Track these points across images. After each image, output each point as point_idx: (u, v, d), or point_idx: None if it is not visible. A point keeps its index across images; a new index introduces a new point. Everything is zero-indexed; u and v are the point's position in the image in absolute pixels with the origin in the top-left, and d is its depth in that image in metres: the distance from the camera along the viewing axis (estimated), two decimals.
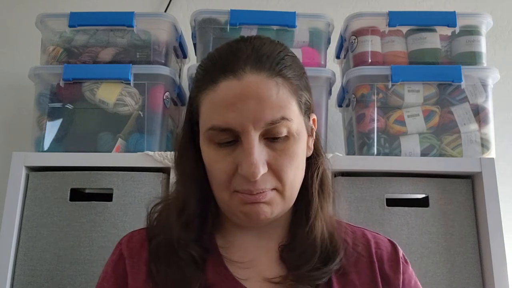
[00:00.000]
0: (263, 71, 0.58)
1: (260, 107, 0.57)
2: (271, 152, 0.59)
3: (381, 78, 1.07)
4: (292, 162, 0.60)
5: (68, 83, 1.07)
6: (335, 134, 1.39)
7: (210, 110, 0.59)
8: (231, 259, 0.64)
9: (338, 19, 1.18)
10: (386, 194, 0.98)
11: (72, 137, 1.07)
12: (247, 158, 0.57)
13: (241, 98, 0.57)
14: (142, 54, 1.10)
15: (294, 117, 0.60)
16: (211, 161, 0.61)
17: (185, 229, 0.63)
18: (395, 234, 0.95)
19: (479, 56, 1.09)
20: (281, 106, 0.58)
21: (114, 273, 0.66)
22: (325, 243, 0.64)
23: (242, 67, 0.58)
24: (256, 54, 0.60)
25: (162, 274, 0.62)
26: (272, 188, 0.59)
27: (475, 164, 0.98)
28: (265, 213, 0.60)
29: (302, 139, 0.62)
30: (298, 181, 0.63)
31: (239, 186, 0.59)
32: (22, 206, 0.98)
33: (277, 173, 0.59)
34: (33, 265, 0.95)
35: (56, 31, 1.13)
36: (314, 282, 0.61)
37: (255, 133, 0.57)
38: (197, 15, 1.13)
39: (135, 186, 0.98)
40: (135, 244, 0.68)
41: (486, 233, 0.93)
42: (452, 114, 1.06)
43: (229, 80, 0.58)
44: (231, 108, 0.57)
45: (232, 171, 0.59)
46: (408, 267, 0.68)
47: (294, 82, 0.61)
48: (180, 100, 1.22)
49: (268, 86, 0.58)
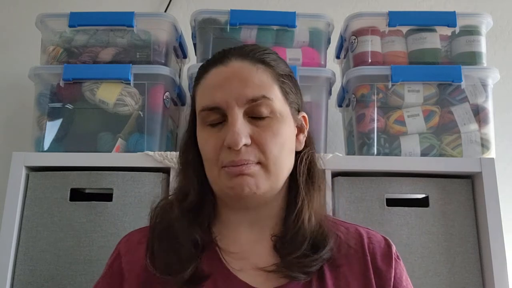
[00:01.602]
0: (247, 59, 0.67)
1: (242, 85, 0.64)
2: (255, 128, 0.64)
3: (381, 78, 1.07)
4: (276, 138, 0.64)
5: (68, 83, 1.07)
6: (335, 134, 1.39)
7: (202, 95, 0.68)
8: (226, 250, 0.67)
9: (338, 19, 1.18)
10: (386, 194, 0.98)
11: (72, 137, 1.07)
12: (230, 128, 0.63)
13: (226, 79, 0.65)
14: (142, 54, 1.10)
15: (276, 99, 0.66)
16: (203, 140, 0.67)
17: (186, 215, 0.68)
18: (395, 234, 0.95)
19: (479, 56, 1.09)
20: (262, 86, 0.65)
21: (110, 271, 0.70)
22: (314, 230, 0.67)
23: (228, 57, 0.68)
24: (242, 50, 0.69)
25: (161, 252, 0.66)
26: (256, 161, 0.64)
27: (475, 164, 0.98)
28: (249, 184, 0.63)
29: (286, 123, 0.67)
30: (283, 161, 0.66)
31: (225, 158, 0.64)
32: (22, 206, 0.98)
33: (261, 146, 0.64)
34: (33, 265, 0.95)
35: (56, 31, 1.13)
36: (304, 269, 0.64)
37: (239, 109, 0.64)
38: (197, 15, 1.13)
39: (135, 186, 0.98)
40: (133, 242, 0.72)
41: (486, 233, 0.93)
42: (452, 114, 1.06)
43: (217, 67, 0.67)
44: (217, 89, 0.65)
45: (220, 146, 0.64)
46: (400, 262, 0.70)
47: (276, 71, 0.68)
48: (180, 100, 1.22)
49: (250, 69, 0.66)
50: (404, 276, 0.69)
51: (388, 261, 0.68)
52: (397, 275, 0.68)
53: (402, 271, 0.70)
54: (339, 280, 0.66)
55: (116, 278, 0.68)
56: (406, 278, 0.69)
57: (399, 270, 0.69)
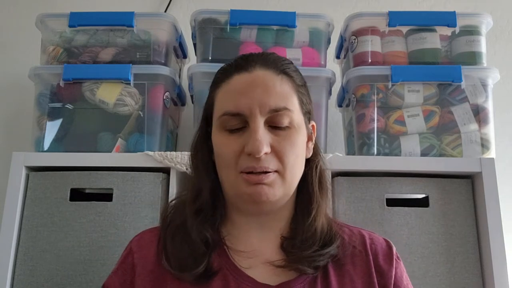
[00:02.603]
0: (270, 69, 0.69)
1: (266, 94, 0.66)
2: (274, 137, 0.66)
3: (381, 78, 1.07)
4: (293, 149, 0.67)
5: (68, 83, 1.07)
6: (335, 134, 1.39)
7: (224, 99, 0.69)
8: (235, 249, 0.70)
9: (338, 19, 1.18)
10: (386, 194, 0.98)
11: (72, 137, 1.07)
12: (253, 136, 0.64)
13: (251, 86, 0.67)
14: (142, 54, 1.10)
15: (295, 110, 0.68)
16: (222, 145, 0.68)
17: (198, 215, 0.70)
18: (395, 234, 0.95)
19: (479, 56, 1.09)
20: (284, 97, 0.67)
21: (121, 267, 0.71)
22: (324, 233, 0.70)
23: (252, 65, 0.69)
24: (265, 58, 0.71)
25: (175, 249, 0.68)
26: (274, 170, 0.66)
27: (475, 164, 0.98)
28: (267, 194, 0.65)
29: (302, 133, 0.70)
30: (297, 170, 0.69)
31: (245, 164, 0.65)
32: (22, 206, 0.98)
33: (279, 155, 0.66)
34: (33, 265, 0.95)
35: (56, 31, 1.13)
36: (313, 264, 0.67)
37: (261, 118, 0.66)
38: (197, 15, 1.13)
39: (135, 186, 0.98)
40: (145, 240, 0.74)
41: (486, 233, 0.93)
42: (452, 114, 1.06)
43: (241, 74, 0.69)
44: (241, 95, 0.67)
45: (239, 151, 0.66)
46: (400, 263, 0.73)
47: (296, 82, 0.71)
48: (180, 100, 1.22)
49: (274, 78, 0.68)
50: (404, 276, 0.72)
51: (389, 260, 0.71)
52: (397, 274, 0.71)
53: (403, 271, 0.73)
54: (343, 278, 0.68)
55: (128, 273, 0.70)
56: (406, 278, 0.72)
57: (399, 269, 0.72)
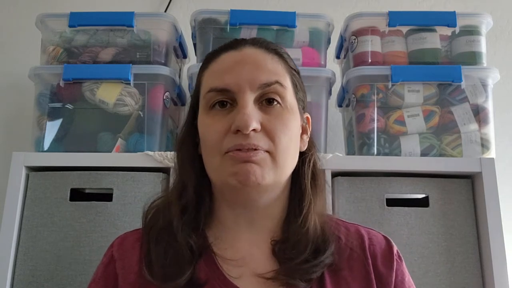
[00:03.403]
0: (261, 47, 0.66)
1: (256, 70, 0.62)
2: (265, 115, 0.62)
3: (381, 78, 1.07)
4: (286, 130, 0.62)
5: (68, 83, 1.07)
6: (335, 134, 1.39)
7: (210, 77, 0.65)
8: (223, 257, 0.64)
9: (338, 19, 1.18)
10: (386, 194, 0.98)
11: (72, 137, 1.07)
12: (241, 111, 0.60)
13: (239, 63, 0.63)
14: (142, 54, 1.10)
15: (288, 89, 0.65)
16: (206, 126, 0.63)
17: (184, 214, 0.65)
18: (395, 234, 0.95)
19: (479, 56, 1.09)
20: (276, 73, 0.64)
21: (104, 275, 0.67)
22: (317, 235, 0.65)
23: (242, 44, 0.66)
24: (256, 39, 0.68)
25: (159, 254, 0.63)
26: (265, 149, 0.60)
27: (475, 164, 0.98)
28: (255, 174, 0.59)
29: (295, 117, 0.65)
30: (290, 154, 0.64)
31: (231, 143, 0.60)
32: (22, 206, 0.98)
33: (271, 134, 0.61)
34: (33, 265, 0.95)
35: (56, 31, 1.13)
36: (305, 277, 0.61)
37: (251, 94, 0.61)
38: (197, 15, 1.13)
39: (135, 186, 0.98)
40: (126, 246, 0.69)
41: (486, 233, 0.93)
42: (452, 114, 1.06)
43: (229, 52, 0.65)
44: (229, 72, 0.62)
45: (225, 131, 0.61)
46: (402, 264, 0.68)
47: (288, 63, 0.67)
48: (180, 100, 1.22)
49: (265, 56, 0.65)
50: (406, 279, 0.67)
51: (388, 263, 0.67)
52: (397, 278, 0.66)
53: (404, 273, 0.68)
54: (340, 285, 0.64)
55: (110, 282, 0.66)
56: (408, 280, 0.67)
57: (400, 272, 0.67)
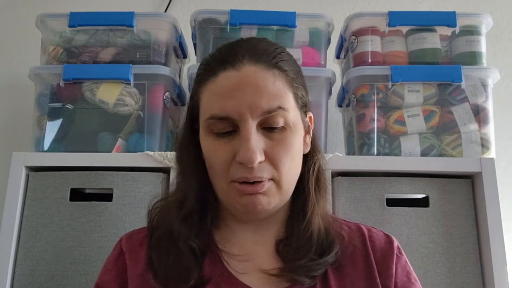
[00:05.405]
0: (260, 63, 0.61)
1: (257, 95, 0.59)
2: (268, 141, 0.60)
3: (381, 78, 1.07)
4: (288, 152, 0.61)
5: (68, 83, 1.07)
6: (335, 134, 1.39)
7: (209, 100, 0.62)
8: (228, 253, 0.65)
9: (338, 19, 1.18)
10: (386, 194, 0.98)
11: (72, 137, 1.07)
12: (244, 144, 0.58)
13: (239, 86, 0.59)
14: (142, 54, 1.10)
15: (291, 108, 0.62)
16: (210, 150, 0.62)
17: (185, 222, 0.64)
18: (395, 234, 0.93)
19: (479, 56, 1.09)
20: (278, 95, 0.60)
21: (115, 266, 0.68)
22: (321, 238, 0.65)
23: (240, 59, 0.61)
24: (254, 49, 0.63)
25: (161, 263, 0.63)
26: (269, 178, 0.60)
27: (475, 164, 0.98)
28: (262, 204, 0.60)
29: (298, 132, 0.63)
30: (294, 173, 0.64)
31: (237, 174, 0.60)
32: (22, 206, 0.98)
33: (274, 162, 0.60)
34: (33, 265, 0.95)
35: (56, 31, 1.13)
36: (309, 274, 0.62)
37: (253, 121, 0.59)
38: (197, 15, 1.13)
39: (135, 186, 0.98)
40: (134, 241, 0.70)
41: (486, 233, 0.93)
42: (452, 114, 1.06)
43: (228, 71, 0.61)
44: (229, 97, 0.59)
45: (230, 160, 0.60)
46: (402, 258, 0.69)
47: (290, 75, 0.63)
48: (180, 100, 1.22)
49: (265, 76, 0.60)
50: (405, 272, 0.68)
51: (388, 257, 0.67)
52: (398, 271, 0.67)
53: (404, 267, 0.68)
54: (344, 281, 0.65)
55: (120, 274, 0.67)
56: (408, 274, 0.68)
57: (400, 265, 0.68)
